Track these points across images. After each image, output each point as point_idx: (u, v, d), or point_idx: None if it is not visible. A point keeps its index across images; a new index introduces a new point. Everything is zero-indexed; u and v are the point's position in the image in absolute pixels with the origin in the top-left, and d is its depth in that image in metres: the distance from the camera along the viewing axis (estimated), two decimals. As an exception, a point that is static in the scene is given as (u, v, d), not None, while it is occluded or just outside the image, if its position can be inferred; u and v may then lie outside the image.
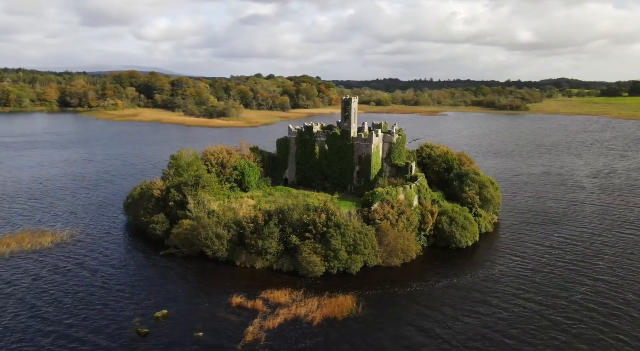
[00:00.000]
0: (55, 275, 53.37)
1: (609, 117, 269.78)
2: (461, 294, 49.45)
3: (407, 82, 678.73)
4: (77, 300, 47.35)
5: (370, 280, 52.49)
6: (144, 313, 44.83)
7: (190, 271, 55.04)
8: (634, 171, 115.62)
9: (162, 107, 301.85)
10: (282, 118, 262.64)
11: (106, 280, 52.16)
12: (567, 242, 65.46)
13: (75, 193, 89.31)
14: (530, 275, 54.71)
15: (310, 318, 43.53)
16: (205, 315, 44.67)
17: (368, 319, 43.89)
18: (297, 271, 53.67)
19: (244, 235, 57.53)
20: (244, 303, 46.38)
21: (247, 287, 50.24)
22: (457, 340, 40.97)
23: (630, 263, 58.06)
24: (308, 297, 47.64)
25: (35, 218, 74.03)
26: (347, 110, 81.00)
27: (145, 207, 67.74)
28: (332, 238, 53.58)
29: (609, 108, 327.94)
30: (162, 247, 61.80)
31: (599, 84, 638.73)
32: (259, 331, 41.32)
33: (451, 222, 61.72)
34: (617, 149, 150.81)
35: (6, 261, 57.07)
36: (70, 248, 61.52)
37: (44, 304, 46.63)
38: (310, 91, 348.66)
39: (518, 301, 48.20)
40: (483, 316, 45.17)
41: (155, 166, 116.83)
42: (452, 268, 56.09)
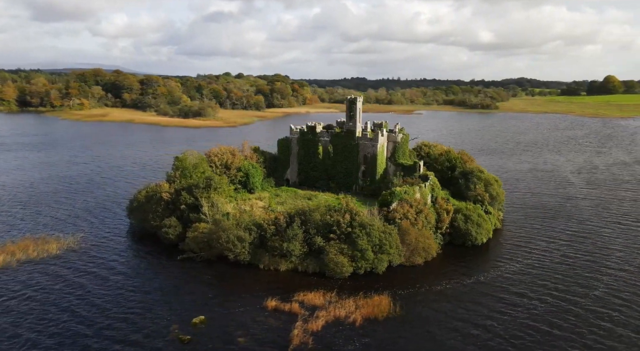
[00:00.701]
0: (71, 283, 51.27)
1: (574, 115, 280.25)
2: (491, 289, 50.47)
3: (375, 80, 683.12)
4: (106, 309, 45.64)
5: (398, 279, 52.82)
6: (180, 319, 43.69)
7: (212, 275, 53.94)
8: (613, 167, 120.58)
9: (131, 106, 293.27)
10: (259, 117, 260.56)
11: (129, 287, 50.51)
12: (575, 235, 67.83)
13: (69, 197, 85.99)
14: (550, 268, 56.45)
15: (351, 319, 43.44)
16: (244, 319, 43.91)
17: (408, 318, 44.15)
18: (323, 273, 53.40)
19: (265, 238, 56.84)
20: (281, 307, 45.83)
21: (276, 290, 49.66)
22: (503, 334, 41.92)
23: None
24: (342, 298, 47.50)
25: (33, 224, 70.88)
26: (352, 110, 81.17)
27: (154, 210, 65.91)
28: (358, 239, 53.61)
29: (571, 106, 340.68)
30: (175, 251, 60.34)
31: (556, 83, 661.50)
32: (304, 334, 40.93)
33: (466, 219, 62.80)
34: (591, 146, 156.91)
35: (15, 270, 54.44)
36: (79, 255, 59.24)
37: (71, 314, 44.72)
38: (285, 90, 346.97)
39: (549, 294, 49.70)
40: (521, 310, 46.35)
41: (145, 168, 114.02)
42: (474, 264, 57.12)
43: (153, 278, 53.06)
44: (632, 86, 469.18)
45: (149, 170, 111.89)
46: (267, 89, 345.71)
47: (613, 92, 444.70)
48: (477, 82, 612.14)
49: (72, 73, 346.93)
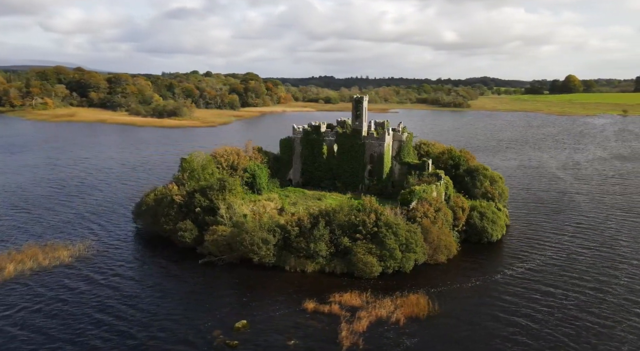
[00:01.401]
0: (94, 292, 49.43)
1: (543, 114, 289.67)
2: (521, 283, 51.82)
3: (344, 79, 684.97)
4: (141, 318, 44.21)
5: (426, 278, 53.40)
6: (220, 324, 42.79)
7: (240, 279, 53.07)
8: (594, 162, 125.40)
9: (99, 106, 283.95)
10: (236, 117, 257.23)
11: (157, 294, 49.12)
12: (580, 228, 70.47)
13: (65, 201, 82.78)
14: (568, 260, 58.46)
15: (394, 319, 43.60)
16: (286, 322, 43.43)
17: (450, 316, 44.65)
18: (351, 273, 53.34)
19: (289, 239, 56.33)
20: (320, 308, 45.55)
21: (309, 292, 49.30)
22: (549, 325, 43.12)
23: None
24: (378, 298, 47.61)
25: (35, 230, 67.88)
26: (358, 109, 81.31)
27: (167, 213, 64.24)
28: (386, 238, 53.83)
29: (538, 105, 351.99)
30: (193, 255, 59.04)
31: (516, 82, 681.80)
32: (352, 335, 40.82)
33: (482, 217, 64.03)
34: (568, 143, 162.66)
35: (29, 279, 52.04)
36: (93, 262, 57.13)
37: (106, 326, 43.11)
38: (259, 89, 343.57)
39: (577, 285, 51.64)
40: (556, 301, 47.92)
41: (136, 169, 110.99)
42: (496, 260, 58.38)
43: (179, 284, 51.76)
44: (591, 85, 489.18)
45: (140, 171, 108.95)
46: (241, 88, 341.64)
47: (574, 90, 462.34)
48: (444, 80, 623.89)
49: (31, 71, 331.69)
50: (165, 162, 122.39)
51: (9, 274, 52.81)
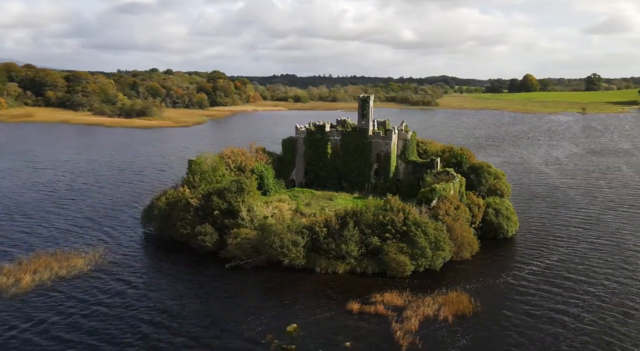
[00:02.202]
0: (126, 302, 47.46)
1: (508, 112, 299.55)
2: (552, 277, 53.50)
3: (307, 77, 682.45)
4: (184, 326, 42.84)
5: (457, 274, 54.25)
6: (270, 329, 42.00)
7: (271, 282, 52.23)
8: (572, 158, 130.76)
9: (57, 105, 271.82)
10: (209, 116, 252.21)
11: (192, 301, 47.72)
12: (583, 221, 73.48)
13: (60, 207, 78.98)
14: (585, 252, 60.81)
15: (442, 317, 44.04)
16: (335, 324, 43.12)
17: (495, 312, 45.40)
18: (383, 273, 53.49)
19: (318, 240, 55.93)
20: (365, 309, 45.48)
21: (347, 292, 49.14)
22: (592, 317, 44.59)
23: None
24: (419, 297, 47.97)
25: (36, 238, 64.48)
26: (364, 108, 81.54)
27: (183, 217, 62.42)
28: (416, 237, 54.31)
29: (501, 103, 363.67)
30: (214, 260, 57.71)
31: (473, 81, 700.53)
32: (407, 335, 40.94)
33: (497, 213, 65.61)
34: (542, 140, 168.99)
35: (52, 290, 49.39)
36: (114, 269, 54.88)
37: (152, 336, 41.51)
38: (228, 88, 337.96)
39: (605, 277, 53.69)
40: (591, 293, 49.75)
41: (124, 172, 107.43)
42: (518, 255, 59.92)
43: (213, 290, 50.43)
44: (547, 84, 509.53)
45: (129, 173, 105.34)
46: (209, 87, 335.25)
47: (531, 89, 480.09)
48: (406, 79, 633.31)
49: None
50: (152, 163, 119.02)
51: (27, 285, 49.92)
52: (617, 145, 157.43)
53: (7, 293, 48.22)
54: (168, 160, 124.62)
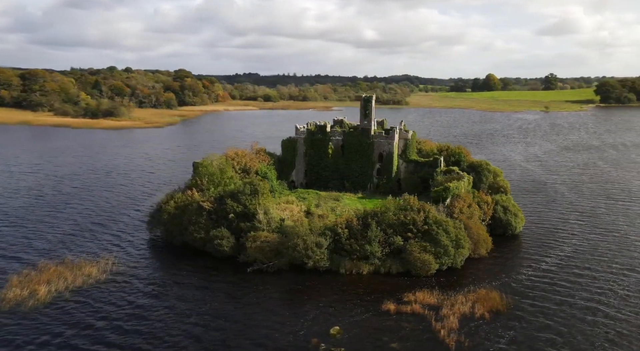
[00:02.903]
0: (155, 309, 46.00)
1: (476, 110, 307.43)
2: (573, 269, 55.63)
3: (270, 76, 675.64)
4: (224, 332, 41.86)
5: (478, 271, 55.23)
6: (313, 332, 41.59)
7: (299, 284, 51.76)
8: (550, 154, 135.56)
9: (11, 105, 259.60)
10: (180, 116, 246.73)
11: (222, 307, 46.70)
12: (582, 215, 76.63)
13: (55, 213, 75.51)
14: (594, 245, 63.30)
15: (478, 314, 44.72)
16: (376, 325, 43.11)
17: (530, 306, 46.58)
18: (407, 272, 53.89)
19: (340, 241, 55.78)
20: (402, 309, 45.68)
21: (378, 293, 49.30)
22: (623, 307, 46.48)
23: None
24: (450, 295, 48.59)
25: (39, 246, 61.51)
26: (367, 108, 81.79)
27: (196, 222, 60.88)
28: (438, 235, 55.00)
29: (468, 102, 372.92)
30: (231, 264, 56.67)
31: (436, 80, 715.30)
32: (451, 333, 41.39)
33: (505, 210, 67.24)
34: (517, 137, 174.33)
35: (70, 300, 47.21)
36: (131, 277, 53.00)
37: (191, 346, 40.34)
38: (196, 87, 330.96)
39: (620, 267, 56.32)
40: (619, 282, 52.11)
41: (110, 175, 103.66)
42: (533, 250, 61.49)
43: (239, 295, 49.44)
44: (508, 83, 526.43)
45: (116, 176, 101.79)
46: (176, 86, 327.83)
47: (494, 88, 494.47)
48: (370, 78, 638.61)
49: None
50: (137, 165, 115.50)
51: (44, 297, 47.48)
52: (587, 142, 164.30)
53: (25, 306, 45.75)
54: (153, 162, 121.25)
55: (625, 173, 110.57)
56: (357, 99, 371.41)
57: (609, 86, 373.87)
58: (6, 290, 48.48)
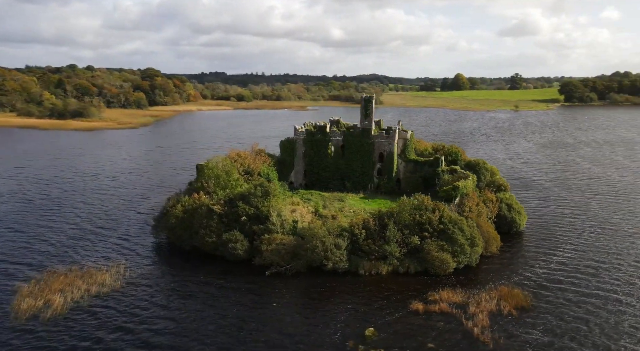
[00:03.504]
0: (183, 318, 44.89)
1: (449, 109, 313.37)
2: (585, 263, 57.52)
3: (239, 75, 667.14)
4: (259, 339, 41.21)
5: (493, 268, 56.23)
6: (348, 334, 41.43)
7: (322, 286, 51.38)
8: (531, 152, 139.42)
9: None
10: (153, 117, 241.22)
11: (251, 311, 45.97)
12: (577, 209, 79.30)
13: (50, 218, 72.59)
14: (597, 238, 65.90)
15: (505, 311, 45.40)
16: (408, 325, 43.29)
17: (554, 301, 47.78)
18: (426, 272, 54.39)
19: (357, 242, 55.78)
20: (430, 308, 46.04)
21: (402, 293, 49.60)
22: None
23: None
24: (473, 293, 49.27)
25: (42, 253, 59.03)
26: (367, 108, 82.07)
27: (207, 225, 59.69)
28: (454, 234, 55.73)
29: (439, 101, 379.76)
30: (245, 268, 55.88)
31: (404, 79, 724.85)
32: (484, 331, 41.94)
33: (509, 208, 68.74)
34: (495, 136, 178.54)
35: (91, 309, 45.52)
36: (148, 283, 51.52)
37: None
38: (167, 86, 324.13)
39: (626, 260, 58.67)
40: (628, 274, 54.43)
41: (98, 177, 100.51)
42: (540, 246, 63.02)
43: (261, 299, 48.73)
44: (475, 83, 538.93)
45: (106, 180, 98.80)
46: (146, 85, 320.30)
47: (462, 88, 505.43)
48: (339, 77, 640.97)
49: None
50: (124, 168, 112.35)
51: (61, 307, 45.54)
52: (561, 139, 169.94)
53: (43, 317, 43.81)
54: (138, 163, 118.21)
55: (605, 170, 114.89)
56: (330, 98, 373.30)
57: (572, 86, 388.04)
58: (19, 301, 46.34)
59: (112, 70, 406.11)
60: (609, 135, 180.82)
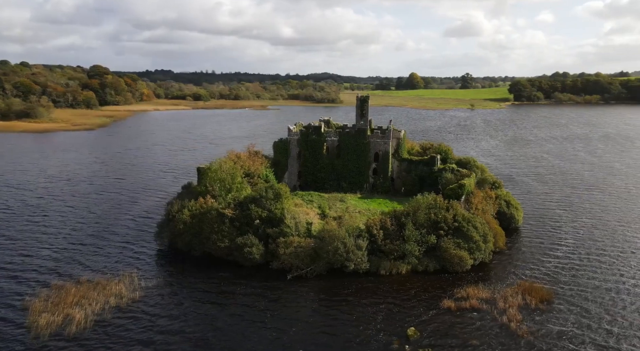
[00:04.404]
0: (215, 325, 43.49)
1: (409, 108, 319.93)
2: (590, 254, 60.50)
3: (187, 73, 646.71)
4: (305, 344, 40.51)
5: (508, 263, 57.81)
6: (391, 335, 41.50)
7: (345, 288, 51.12)
8: (500, 149, 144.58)
9: None
10: (109, 117, 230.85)
11: (282, 316, 45.14)
12: (564, 204, 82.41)
13: (42, 227, 68.08)
14: (591, 231, 68.93)
15: (532, 306, 46.71)
16: (446, 323, 43.81)
17: (577, 292, 49.85)
18: (444, 269, 55.30)
19: (376, 242, 55.95)
20: (461, 305, 46.73)
21: (429, 291, 50.32)
22: None
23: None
24: (496, 288, 50.51)
25: (43, 265, 55.45)
26: (363, 108, 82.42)
27: (218, 230, 58.02)
28: (469, 232, 56.97)
29: (397, 100, 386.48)
30: (263, 272, 54.87)
31: (355, 78, 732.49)
32: (520, 325, 43.10)
33: (508, 204, 71.01)
34: (461, 134, 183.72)
35: (116, 323, 43.22)
36: (167, 293, 49.54)
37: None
38: (119, 85, 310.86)
39: (626, 248, 62.42)
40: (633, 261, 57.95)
41: (71, 181, 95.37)
42: (543, 240, 65.58)
43: (290, 303, 48.04)
44: (429, 82, 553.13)
45: (81, 183, 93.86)
46: (95, 83, 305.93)
47: (417, 87, 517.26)
48: (292, 76, 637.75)
49: None
50: (96, 171, 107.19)
51: (83, 321, 42.96)
52: (523, 136, 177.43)
53: (68, 333, 41.21)
54: (112, 167, 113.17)
55: (573, 165, 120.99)
56: (289, 97, 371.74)
57: (520, 85, 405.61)
58: (34, 317, 43.37)
59: (51, 67, 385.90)
60: (565, 132, 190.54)
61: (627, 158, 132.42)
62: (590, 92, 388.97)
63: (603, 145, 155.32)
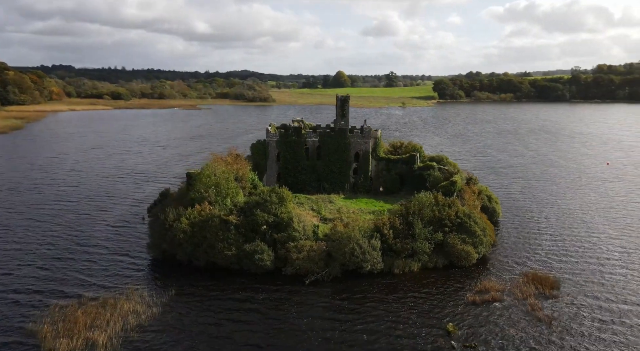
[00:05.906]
0: (251, 339, 41.72)
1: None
2: (583, 241, 65.27)
3: (93, 70, 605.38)
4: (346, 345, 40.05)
5: (507, 256, 60.37)
6: (430, 333, 42.17)
7: (368, 289, 51.05)
8: (449, 145, 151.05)
9: None
10: (20, 119, 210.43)
11: (316, 322, 44.33)
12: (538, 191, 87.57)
13: (20, 240, 60.97)
14: (572, 220, 74.53)
15: (547, 293, 49.20)
16: (478, 317, 45.15)
17: (584, 280, 53.16)
18: (451, 264, 57.06)
19: (387, 242, 56.45)
20: (484, 298, 48.21)
21: (446, 286, 51.72)
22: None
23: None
24: (507, 280, 52.94)
25: (33, 283, 49.91)
26: (344, 108, 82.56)
27: (224, 238, 55.57)
28: (472, 227, 59.20)
29: (327, 98, 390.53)
30: (275, 279, 53.50)
31: (276, 76, 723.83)
32: (545, 315, 45.43)
33: (489, 199, 74.61)
34: (404, 131, 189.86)
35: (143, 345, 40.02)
36: (184, 309, 46.75)
37: None
38: (23, 83, 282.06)
39: (618, 231, 69.20)
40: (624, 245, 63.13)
41: (13, 185, 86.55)
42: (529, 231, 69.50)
43: (317, 309, 47.18)
44: (355, 80, 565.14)
45: (32, 192, 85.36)
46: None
47: (344, 85, 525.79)
48: (212, 73, 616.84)
49: None
50: (45, 178, 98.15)
51: (106, 343, 39.43)
52: (462, 133, 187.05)
53: (98, 359, 37.47)
54: (54, 173, 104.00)
55: (517, 159, 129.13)
56: (219, 96, 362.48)
57: (443, 84, 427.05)
58: (49, 343, 39.20)
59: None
60: (495, 128, 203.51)
61: (557, 151, 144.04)
62: (505, 91, 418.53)
63: (534, 140, 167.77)
